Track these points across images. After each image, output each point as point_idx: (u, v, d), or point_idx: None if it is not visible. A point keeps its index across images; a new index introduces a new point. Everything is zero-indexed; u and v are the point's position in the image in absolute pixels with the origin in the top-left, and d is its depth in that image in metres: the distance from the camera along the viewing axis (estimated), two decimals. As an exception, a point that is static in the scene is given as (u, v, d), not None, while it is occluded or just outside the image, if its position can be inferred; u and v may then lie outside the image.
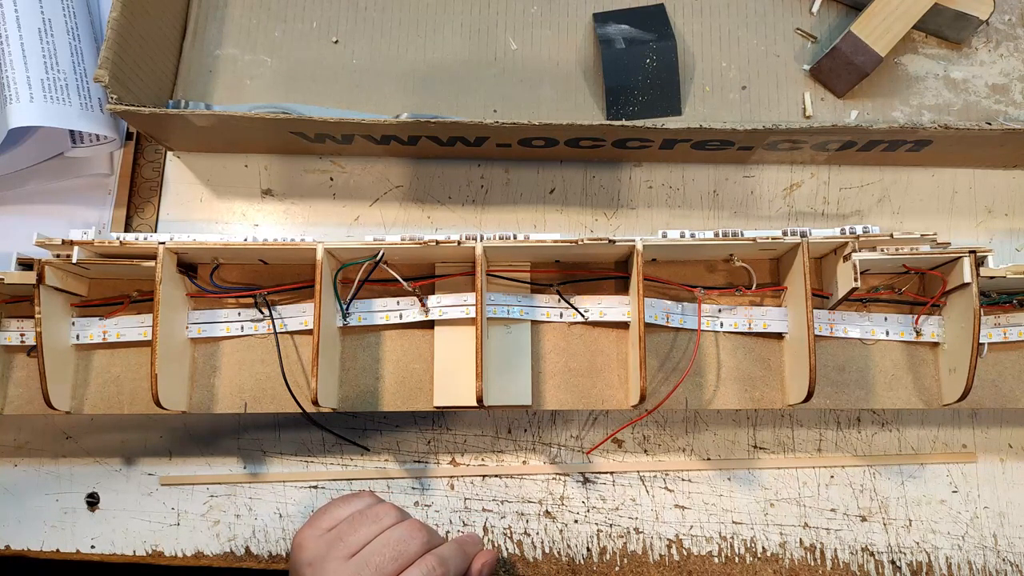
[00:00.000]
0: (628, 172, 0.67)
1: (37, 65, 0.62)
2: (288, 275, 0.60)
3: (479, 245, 0.55)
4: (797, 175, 0.66)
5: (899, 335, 0.58)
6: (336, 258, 0.57)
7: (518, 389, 0.57)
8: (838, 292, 0.56)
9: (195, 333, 0.59)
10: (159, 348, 0.54)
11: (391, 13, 0.70)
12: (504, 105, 0.67)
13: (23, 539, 0.63)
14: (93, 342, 0.59)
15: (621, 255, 0.58)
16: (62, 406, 0.57)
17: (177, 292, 0.57)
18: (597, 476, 0.63)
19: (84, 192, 0.68)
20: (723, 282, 0.60)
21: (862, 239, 0.55)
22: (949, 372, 0.57)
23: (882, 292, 0.59)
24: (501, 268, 0.59)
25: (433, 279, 0.59)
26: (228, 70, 0.69)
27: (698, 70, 0.68)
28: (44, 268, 0.55)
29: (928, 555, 0.61)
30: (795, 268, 0.56)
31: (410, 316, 0.58)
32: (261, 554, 0.62)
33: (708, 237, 0.55)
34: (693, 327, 0.58)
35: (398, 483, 0.63)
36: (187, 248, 0.56)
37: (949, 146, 0.62)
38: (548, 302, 0.59)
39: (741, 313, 0.59)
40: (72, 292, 0.59)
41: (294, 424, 0.64)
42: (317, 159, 0.68)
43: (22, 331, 0.59)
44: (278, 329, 0.58)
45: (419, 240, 0.55)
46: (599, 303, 0.58)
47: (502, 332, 0.58)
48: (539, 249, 0.56)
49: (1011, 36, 0.68)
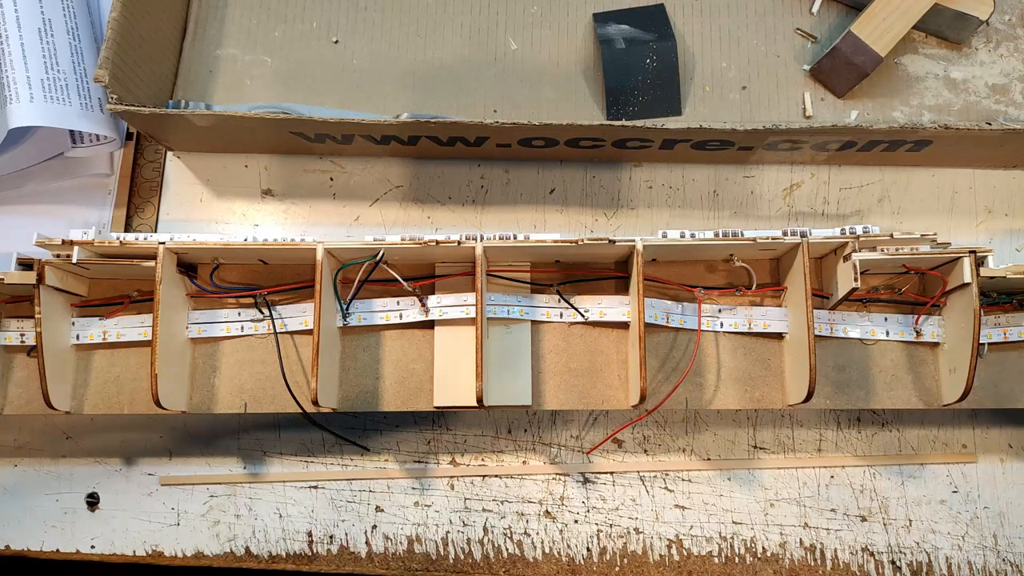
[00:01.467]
0: (628, 172, 0.67)
1: (37, 65, 0.62)
2: (288, 275, 0.60)
3: (479, 245, 0.55)
4: (797, 175, 0.66)
5: (899, 335, 0.58)
6: (336, 258, 0.57)
7: (518, 389, 0.57)
8: (838, 292, 0.56)
9: (195, 333, 0.59)
10: (159, 348, 0.54)
11: (391, 13, 0.70)
12: (504, 105, 0.67)
13: (23, 539, 0.63)
14: (93, 342, 0.59)
15: (621, 255, 0.58)
16: (62, 406, 0.57)
17: (177, 292, 0.57)
18: (597, 476, 0.63)
19: (84, 192, 0.68)
20: (723, 282, 0.60)
21: (862, 239, 0.55)
22: (949, 372, 0.57)
23: (882, 292, 0.59)
24: (501, 268, 0.59)
25: (433, 279, 0.59)
26: (228, 70, 0.69)
27: (698, 70, 0.68)
28: (44, 268, 0.55)
29: (928, 555, 0.61)
30: (795, 268, 0.56)
31: (410, 316, 0.58)
32: (261, 554, 0.62)
33: (708, 237, 0.55)
34: (693, 327, 0.58)
35: (398, 483, 0.63)
36: (187, 248, 0.56)
37: (949, 146, 0.62)
38: (548, 302, 0.59)
39: (741, 313, 0.59)
40: (72, 292, 0.59)
41: (294, 424, 0.64)
42: (317, 159, 0.68)
43: (22, 331, 0.59)
44: (278, 329, 0.58)
45: (419, 240, 0.55)
46: (599, 303, 0.58)
47: (502, 332, 0.58)
48: (539, 249, 0.56)
49: (1011, 36, 0.68)
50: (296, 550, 0.62)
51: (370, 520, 0.63)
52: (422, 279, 0.59)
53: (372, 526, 0.62)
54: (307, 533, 0.62)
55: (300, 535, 0.62)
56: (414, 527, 0.62)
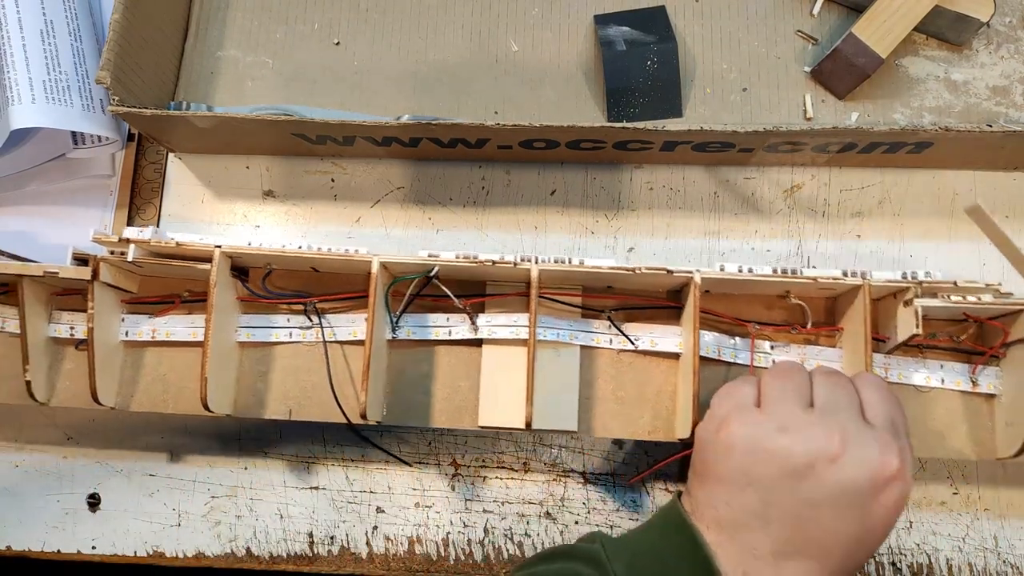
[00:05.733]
0: (629, 174, 0.67)
1: (39, 66, 0.62)
2: (337, 284, 0.59)
3: (535, 268, 0.54)
4: (798, 177, 0.67)
5: (955, 384, 0.56)
6: (389, 271, 0.56)
7: (564, 414, 0.56)
8: (897, 337, 0.54)
9: (243, 337, 0.58)
10: (210, 351, 0.54)
11: (392, 15, 0.70)
12: (505, 107, 0.67)
13: (24, 540, 0.63)
14: (142, 340, 0.59)
15: (675, 285, 0.57)
16: (108, 402, 0.57)
17: (229, 296, 0.57)
18: (598, 477, 0.63)
19: (86, 193, 0.68)
20: (775, 318, 0.58)
21: (924, 285, 0.53)
22: (1006, 425, 0.55)
23: (940, 339, 0.57)
24: (552, 291, 0.58)
25: (484, 297, 0.58)
26: (229, 72, 0.69)
27: (699, 72, 0.68)
28: (99, 264, 0.55)
29: (929, 557, 0.61)
30: (854, 310, 0.54)
31: (459, 333, 0.57)
32: (262, 555, 0.62)
33: (766, 273, 0.54)
34: (743, 362, 0.57)
35: (399, 483, 0.63)
36: (242, 252, 0.56)
37: (950, 148, 0.62)
38: (598, 328, 0.58)
39: (794, 351, 0.57)
40: (123, 288, 0.58)
41: (295, 425, 0.64)
42: (318, 160, 0.68)
43: (72, 324, 0.59)
44: (327, 338, 0.58)
45: (474, 259, 0.54)
46: (650, 332, 0.57)
47: (551, 355, 0.57)
48: (593, 274, 0.55)
49: (1012, 38, 0.68)
50: (297, 551, 0.62)
51: (371, 521, 0.63)
52: (472, 296, 0.58)
53: (373, 527, 0.63)
54: (308, 534, 0.63)
55: (301, 536, 0.63)
56: (415, 528, 0.62)
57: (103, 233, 0.55)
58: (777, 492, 0.43)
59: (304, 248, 0.55)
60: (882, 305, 0.57)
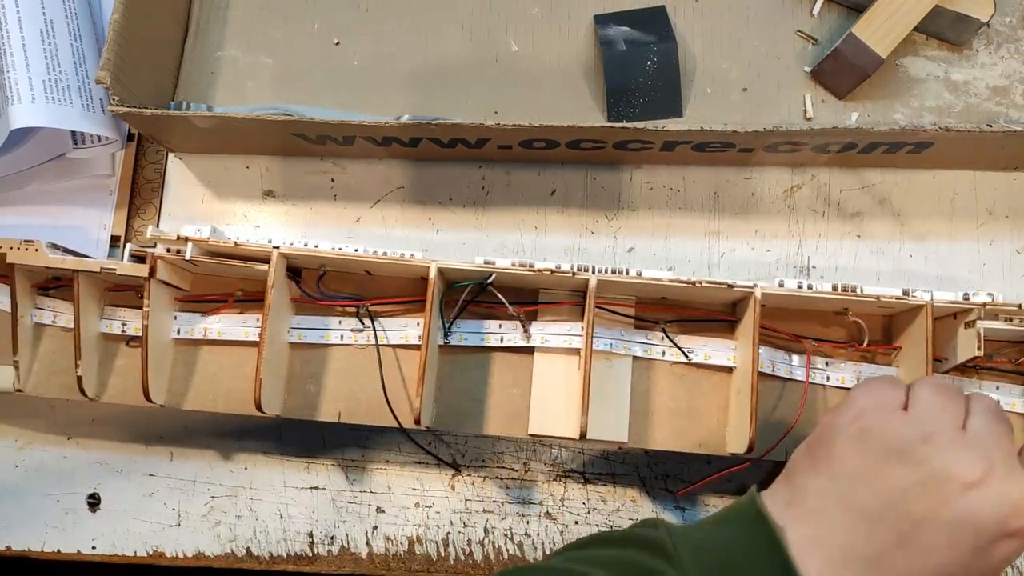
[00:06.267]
0: (629, 174, 0.67)
1: (39, 66, 0.62)
2: (389, 288, 0.59)
3: (593, 278, 0.54)
4: (798, 177, 0.66)
5: (1011, 406, 0.56)
6: (444, 276, 0.56)
7: (615, 424, 0.56)
8: (956, 358, 0.54)
9: (295, 338, 0.58)
10: (265, 352, 0.54)
11: (392, 15, 0.70)
12: (505, 107, 0.67)
13: (24, 540, 0.63)
14: (194, 338, 0.59)
15: (732, 299, 0.57)
16: (158, 399, 0.57)
17: (284, 297, 0.57)
18: (598, 477, 0.63)
19: (85, 193, 0.68)
20: (832, 335, 0.58)
21: (988, 307, 0.53)
22: None
23: (998, 360, 0.57)
24: (606, 301, 0.57)
25: (537, 305, 0.58)
26: (229, 72, 0.69)
27: (699, 72, 0.68)
28: (157, 262, 0.55)
29: None
30: (914, 330, 0.54)
31: (511, 341, 0.57)
32: (262, 555, 0.62)
33: (826, 290, 0.54)
34: (798, 378, 0.56)
35: (399, 483, 0.63)
36: (298, 254, 0.55)
37: (950, 148, 0.62)
38: (651, 339, 0.57)
39: (849, 369, 0.57)
40: (177, 286, 0.58)
41: (295, 425, 0.64)
42: (318, 160, 0.68)
43: (124, 320, 0.59)
44: (379, 342, 0.58)
45: (531, 267, 0.54)
46: (704, 345, 0.57)
47: (603, 365, 0.57)
48: (652, 286, 0.55)
49: (1012, 38, 0.68)
50: (297, 551, 0.62)
51: (371, 521, 0.63)
52: (524, 304, 0.57)
53: (373, 527, 0.63)
54: (308, 534, 0.63)
55: (301, 536, 0.63)
56: (415, 528, 0.62)
57: (159, 231, 0.56)
58: (897, 500, 0.40)
59: (360, 251, 0.55)
60: (940, 325, 0.56)
